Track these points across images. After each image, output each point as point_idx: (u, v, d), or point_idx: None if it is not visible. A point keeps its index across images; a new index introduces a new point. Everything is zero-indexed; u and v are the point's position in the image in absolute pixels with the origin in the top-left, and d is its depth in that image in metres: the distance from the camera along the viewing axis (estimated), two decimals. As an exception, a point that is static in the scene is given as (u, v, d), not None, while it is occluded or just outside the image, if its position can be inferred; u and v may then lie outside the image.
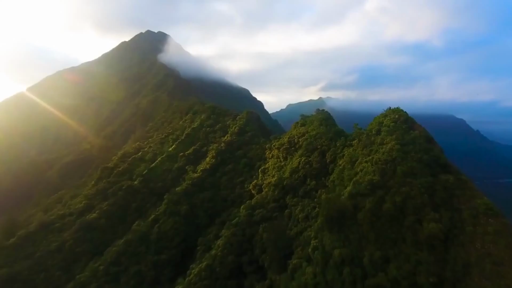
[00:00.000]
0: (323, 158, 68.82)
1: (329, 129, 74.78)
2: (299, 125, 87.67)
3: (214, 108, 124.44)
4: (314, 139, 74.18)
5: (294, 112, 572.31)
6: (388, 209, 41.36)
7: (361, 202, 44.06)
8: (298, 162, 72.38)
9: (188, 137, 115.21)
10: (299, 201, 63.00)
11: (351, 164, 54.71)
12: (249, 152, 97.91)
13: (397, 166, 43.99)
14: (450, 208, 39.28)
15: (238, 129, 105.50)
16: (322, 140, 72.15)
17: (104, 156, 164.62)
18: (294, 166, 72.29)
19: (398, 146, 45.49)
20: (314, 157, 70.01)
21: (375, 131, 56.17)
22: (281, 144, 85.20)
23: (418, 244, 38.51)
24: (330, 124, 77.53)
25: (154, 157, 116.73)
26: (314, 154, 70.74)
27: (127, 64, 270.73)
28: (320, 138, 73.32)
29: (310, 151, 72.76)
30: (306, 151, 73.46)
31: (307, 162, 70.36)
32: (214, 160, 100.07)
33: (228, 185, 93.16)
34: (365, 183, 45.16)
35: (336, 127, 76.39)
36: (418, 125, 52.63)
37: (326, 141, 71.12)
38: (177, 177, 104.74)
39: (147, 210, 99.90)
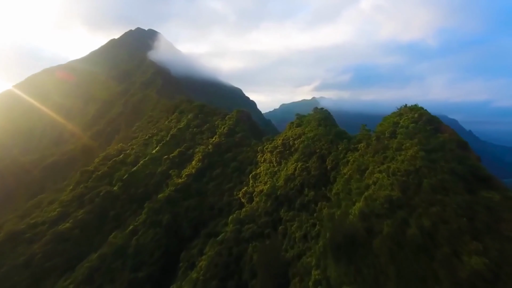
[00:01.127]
0: (323, 164, 58.33)
1: (329, 130, 64.30)
2: (294, 125, 77.10)
3: (202, 107, 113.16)
4: (312, 142, 63.61)
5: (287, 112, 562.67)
6: (414, 236, 31.00)
7: (377, 224, 33.65)
8: (294, 168, 61.81)
9: (173, 138, 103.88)
10: (296, 215, 52.36)
11: (359, 174, 44.12)
12: (239, 155, 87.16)
13: (422, 179, 33.65)
14: (498, 236, 29.19)
15: (227, 130, 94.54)
16: (321, 142, 61.64)
17: (87, 157, 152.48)
18: (289, 173, 61.68)
19: (423, 153, 34.97)
20: (313, 163, 59.49)
21: (388, 133, 45.57)
22: (275, 147, 74.62)
23: (457, 285, 28.42)
24: (330, 125, 67.01)
25: (136, 160, 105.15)
26: (312, 159, 60.22)
27: (115, 62, 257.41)
28: (319, 141, 62.79)
29: (307, 155, 62.25)
30: (303, 155, 62.91)
31: (304, 168, 59.79)
32: (201, 164, 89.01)
33: (216, 191, 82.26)
34: (381, 199, 34.71)
35: (337, 128, 65.84)
36: (446, 126, 41.96)
37: (326, 144, 60.65)
38: (160, 182, 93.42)
39: (127, 219, 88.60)
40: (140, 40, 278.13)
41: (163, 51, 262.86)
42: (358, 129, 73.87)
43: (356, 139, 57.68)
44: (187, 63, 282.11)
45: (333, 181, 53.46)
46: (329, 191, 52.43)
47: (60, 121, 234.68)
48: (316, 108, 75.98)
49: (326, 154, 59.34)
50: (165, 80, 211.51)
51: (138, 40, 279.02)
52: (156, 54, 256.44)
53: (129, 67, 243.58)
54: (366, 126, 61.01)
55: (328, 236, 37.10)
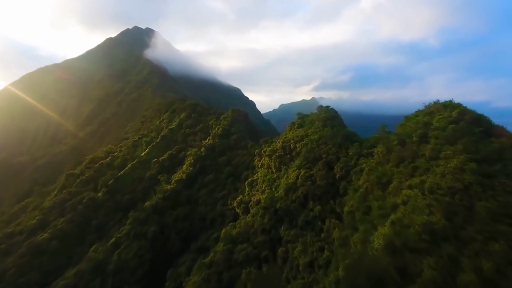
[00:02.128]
0: (330, 172, 48.60)
1: (336, 131, 54.48)
2: (295, 126, 67.31)
3: (196, 105, 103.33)
4: (317, 145, 53.89)
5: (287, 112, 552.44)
6: (469, 285, 21.51)
7: (413, 263, 24.05)
8: (296, 175, 52.09)
9: (164, 140, 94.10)
10: (299, 234, 42.61)
11: (380, 188, 34.26)
12: (234, 158, 77.48)
13: (475, 201, 24.10)
14: None
15: (222, 131, 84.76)
16: (328, 146, 51.89)
17: (76, 159, 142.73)
18: (290, 181, 51.93)
19: (473, 165, 25.12)
20: (318, 170, 49.75)
21: (417, 136, 35.70)
22: (273, 151, 64.91)
23: None
24: (338, 125, 57.14)
25: (124, 163, 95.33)
26: (317, 166, 50.46)
27: (112, 61, 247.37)
28: (325, 144, 53.01)
29: (311, 161, 52.50)
30: (306, 161, 53.16)
31: (308, 176, 50.05)
32: (192, 168, 79.24)
33: (208, 200, 72.52)
34: (417, 227, 25.13)
35: (345, 129, 55.90)
36: (500, 127, 32.00)
37: (333, 148, 50.90)
38: (148, 188, 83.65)
39: (110, 229, 78.96)
40: (137, 38, 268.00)
41: (160, 49, 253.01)
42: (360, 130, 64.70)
43: (370, 142, 47.93)
44: (185, 62, 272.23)
45: (343, 193, 43.76)
46: (338, 205, 42.69)
47: (54, 121, 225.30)
48: (321, 107, 65.97)
49: (333, 160, 49.61)
50: (162, 79, 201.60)
51: (135, 38, 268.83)
52: (153, 52, 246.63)
53: (125, 66, 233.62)
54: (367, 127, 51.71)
55: (344, 273, 27.49)
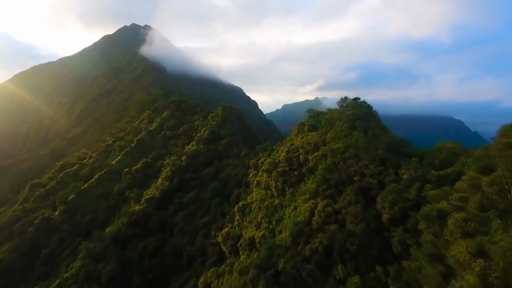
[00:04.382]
0: (369, 207, 27.61)
1: (373, 138, 33.25)
2: (305, 128, 45.91)
3: (180, 102, 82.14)
4: (342, 159, 32.79)
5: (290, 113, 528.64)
6: None
7: None
8: (310, 209, 30.94)
9: (140, 145, 73.25)
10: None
11: None
12: (223, 171, 56.44)
13: None
14: None
15: (209, 134, 63.62)
16: (362, 162, 30.70)
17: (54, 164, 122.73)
18: (300, 219, 30.98)
19: None
20: (348, 203, 28.72)
21: None
22: (274, 164, 43.72)
23: None
24: (375, 128, 35.83)
25: (91, 172, 74.66)
26: (345, 195, 29.39)
27: (108, 59, 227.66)
28: (356, 158, 31.75)
29: (334, 185, 31.34)
30: (326, 184, 32.00)
31: (332, 213, 28.96)
32: (168, 183, 58.16)
33: (186, 228, 51.52)
34: None
35: (389, 135, 34.25)
36: None
37: (372, 166, 29.72)
38: (114, 207, 62.94)
39: (63, 261, 58.42)
40: (135, 36, 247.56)
41: (158, 47, 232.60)
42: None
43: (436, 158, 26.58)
44: (184, 60, 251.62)
45: (400, 254, 22.80)
46: (394, 279, 21.76)
47: (46, 122, 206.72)
48: (346, 99, 44.15)
49: (374, 186, 28.38)
50: (157, 76, 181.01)
51: (132, 36, 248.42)
52: (149, 50, 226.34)
53: (120, 63, 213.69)
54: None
55: None
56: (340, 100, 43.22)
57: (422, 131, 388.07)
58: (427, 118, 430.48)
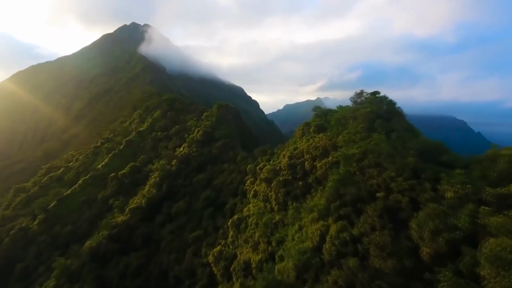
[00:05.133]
0: (401, 234, 20.62)
1: (400, 142, 26.09)
2: (312, 129, 38.80)
3: (173, 101, 75.22)
4: (359, 168, 25.80)
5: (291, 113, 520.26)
6: None
7: None
8: (319, 232, 24.01)
9: (129, 147, 66.44)
10: None
11: None
12: (217, 177, 49.56)
13: None
14: None
15: (202, 135, 56.69)
16: (387, 173, 23.67)
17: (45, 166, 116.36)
18: (307, 245, 24.04)
19: None
20: (370, 228, 21.76)
21: None
22: (275, 171, 36.71)
23: None
24: (401, 129, 28.50)
25: (76, 177, 67.94)
26: (366, 217, 22.40)
27: (106, 58, 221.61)
28: (378, 167, 24.73)
29: (351, 202, 24.40)
30: (340, 200, 25.07)
31: (349, 240, 22.06)
32: (156, 191, 51.14)
33: (174, 243, 44.58)
34: None
35: (421, 139, 26.91)
36: None
37: (400, 179, 22.61)
38: (97, 217, 56.23)
39: (38, 279, 51.64)
40: (134, 35, 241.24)
41: (157, 46, 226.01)
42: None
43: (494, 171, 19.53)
44: (185, 59, 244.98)
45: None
46: None
47: (43, 122, 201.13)
48: (361, 94, 36.55)
49: (405, 207, 21.28)
50: (155, 76, 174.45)
51: (131, 35, 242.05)
52: (149, 49, 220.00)
53: (119, 63, 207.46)
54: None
55: None
56: (354, 95, 35.70)
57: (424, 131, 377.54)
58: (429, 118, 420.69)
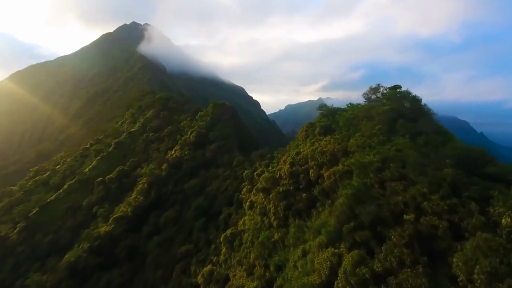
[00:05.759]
0: (437, 277, 15.39)
1: (433, 150, 20.78)
2: (316, 131, 33.48)
3: (168, 100, 70.16)
4: (379, 183, 20.57)
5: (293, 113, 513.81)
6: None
7: None
8: (329, 267, 18.92)
9: (119, 149, 61.34)
10: None
11: None
12: (210, 184, 44.38)
13: None
14: None
15: (196, 137, 51.59)
16: (417, 187, 18.43)
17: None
18: (314, 282, 18.87)
19: None
20: (393, 259, 16.55)
21: None
22: (274, 179, 31.43)
23: None
24: (429, 131, 23.12)
25: (62, 181, 62.96)
26: (390, 248, 17.18)
27: (106, 57, 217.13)
28: (400, 182, 19.50)
29: (369, 225, 19.18)
30: (355, 222, 19.85)
31: (369, 279, 16.87)
32: (143, 198, 45.96)
33: (160, 258, 39.35)
34: None
35: (457, 144, 21.71)
36: None
37: (437, 198, 17.45)
38: (82, 226, 51.19)
39: (14, 294, 46.50)
40: (134, 34, 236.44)
41: (157, 45, 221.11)
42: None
43: None
44: (185, 59, 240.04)
45: None
46: None
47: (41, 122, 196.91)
48: (378, 88, 30.53)
49: (443, 234, 15.95)
50: (154, 75, 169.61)
51: (131, 34, 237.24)
52: (149, 48, 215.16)
53: (118, 62, 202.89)
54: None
55: None
56: (368, 90, 29.76)
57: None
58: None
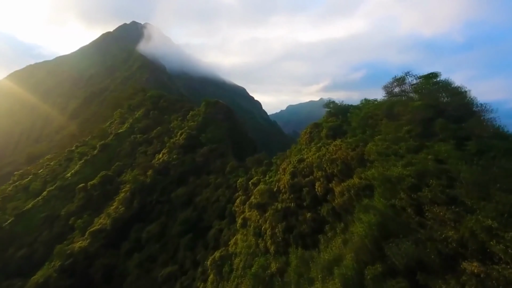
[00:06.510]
0: None
1: (491, 161, 15.09)
2: (322, 133, 27.54)
3: (159, 98, 64.39)
4: (418, 209, 14.75)
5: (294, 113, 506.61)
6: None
7: None
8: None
9: (104, 152, 55.65)
10: None
11: None
12: (200, 193, 38.62)
13: None
14: None
15: (186, 139, 45.88)
16: (477, 219, 12.60)
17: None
18: None
19: None
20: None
21: None
22: (271, 194, 25.61)
23: None
24: (486, 137, 17.34)
25: (43, 187, 57.40)
26: None
27: (104, 57, 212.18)
28: (451, 206, 13.64)
29: (405, 268, 13.33)
30: (381, 264, 14.05)
31: None
32: (124, 209, 40.31)
33: (140, 283, 33.58)
34: None
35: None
36: None
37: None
38: (58, 239, 45.52)
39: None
40: (134, 34, 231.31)
41: (158, 45, 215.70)
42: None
43: None
44: (186, 58, 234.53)
45: None
46: None
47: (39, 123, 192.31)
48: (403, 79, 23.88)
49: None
50: (153, 74, 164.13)
51: (131, 34, 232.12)
52: (149, 48, 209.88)
53: (116, 61, 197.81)
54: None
55: None
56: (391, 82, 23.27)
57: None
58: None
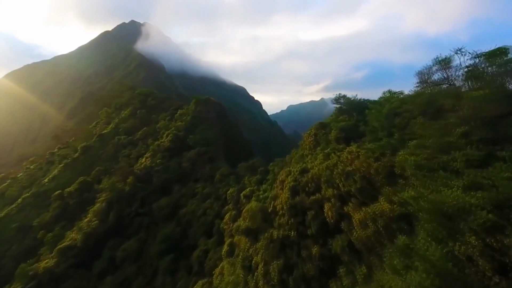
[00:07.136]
0: None
1: None
2: (332, 137, 21.59)
3: (147, 97, 58.72)
4: (499, 248, 9.00)
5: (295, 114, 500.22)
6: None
7: None
8: None
9: (86, 155, 49.98)
10: None
11: None
12: (185, 204, 32.92)
13: None
14: None
15: (172, 141, 40.14)
16: None
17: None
18: None
19: None
20: None
21: None
22: (264, 215, 19.71)
23: None
24: None
25: (19, 193, 51.82)
26: None
27: (103, 56, 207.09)
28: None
29: None
30: None
31: None
32: (98, 222, 34.56)
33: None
34: None
35: None
36: None
37: None
38: (27, 254, 39.92)
39: None
40: (133, 33, 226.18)
41: (156, 44, 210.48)
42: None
43: None
44: (185, 58, 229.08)
45: None
46: None
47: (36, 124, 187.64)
48: (449, 61, 18.03)
49: None
50: (150, 74, 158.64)
51: (130, 33, 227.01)
52: (148, 47, 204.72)
53: (114, 61, 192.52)
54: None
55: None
56: (430, 65, 16.05)
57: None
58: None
